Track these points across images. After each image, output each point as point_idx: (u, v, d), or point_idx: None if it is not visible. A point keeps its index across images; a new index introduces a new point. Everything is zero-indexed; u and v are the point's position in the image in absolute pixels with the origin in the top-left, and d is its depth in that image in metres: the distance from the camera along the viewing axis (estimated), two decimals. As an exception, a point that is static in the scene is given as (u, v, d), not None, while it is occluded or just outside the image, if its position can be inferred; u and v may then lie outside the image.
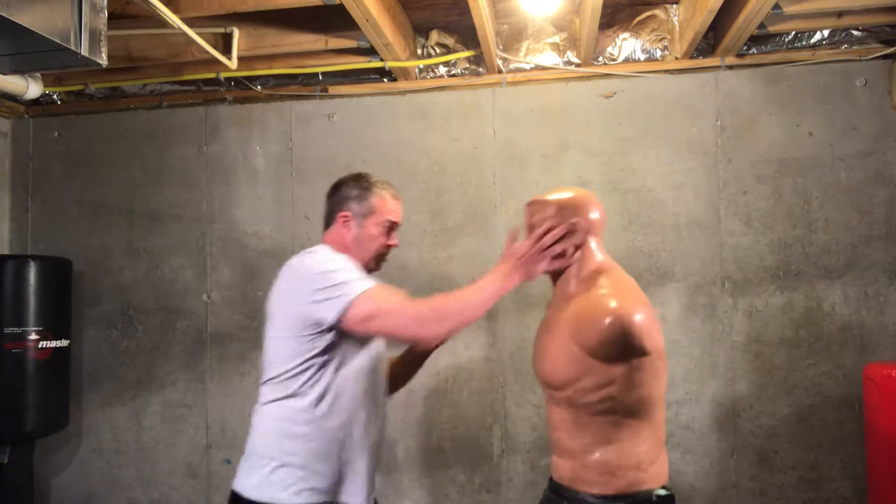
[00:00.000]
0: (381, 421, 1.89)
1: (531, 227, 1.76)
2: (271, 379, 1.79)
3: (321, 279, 1.71)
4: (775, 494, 3.06)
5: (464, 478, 3.26)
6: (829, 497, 3.03)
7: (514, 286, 1.71)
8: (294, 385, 1.75)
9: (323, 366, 1.75)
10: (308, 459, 1.74)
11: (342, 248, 1.87)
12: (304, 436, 1.74)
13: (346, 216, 1.88)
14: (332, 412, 1.75)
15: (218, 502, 3.42)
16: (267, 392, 1.80)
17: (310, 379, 1.75)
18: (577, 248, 1.71)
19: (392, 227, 1.92)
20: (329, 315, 1.69)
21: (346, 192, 1.91)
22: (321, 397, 1.75)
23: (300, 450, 1.74)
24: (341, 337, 1.75)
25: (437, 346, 1.99)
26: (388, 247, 1.92)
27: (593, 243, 1.73)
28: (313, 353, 1.74)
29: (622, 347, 1.55)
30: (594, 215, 1.73)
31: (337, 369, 1.76)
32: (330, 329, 1.72)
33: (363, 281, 1.72)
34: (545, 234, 1.67)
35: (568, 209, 1.71)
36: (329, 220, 1.93)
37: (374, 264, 1.91)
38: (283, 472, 1.73)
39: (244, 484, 1.77)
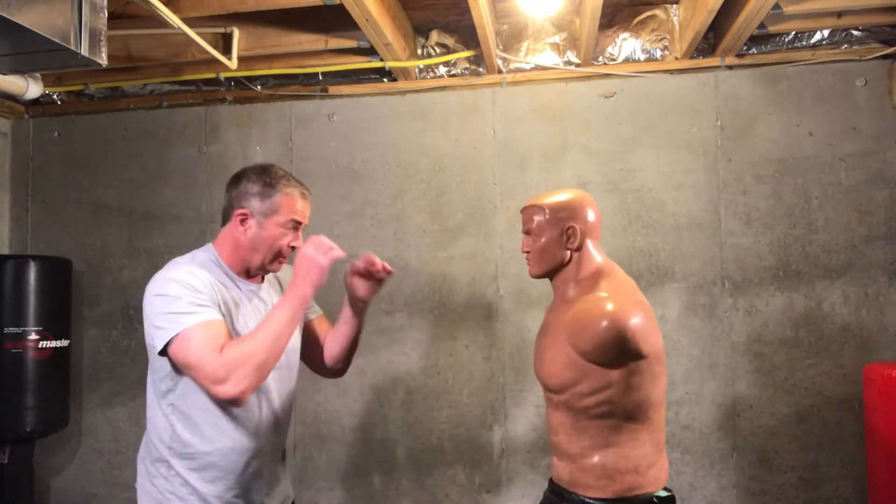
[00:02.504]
0: (260, 444, 1.73)
1: (528, 233, 1.76)
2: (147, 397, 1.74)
3: (158, 303, 1.61)
4: (775, 494, 3.06)
5: (464, 478, 3.26)
6: (829, 497, 3.03)
7: (307, 295, 1.64)
8: (155, 408, 1.70)
9: (174, 390, 1.66)
10: (173, 485, 1.67)
11: (235, 247, 1.74)
12: (166, 461, 1.68)
13: (244, 214, 1.72)
14: (188, 438, 1.66)
15: (218, 502, 3.42)
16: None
17: (166, 403, 1.68)
18: (576, 250, 1.71)
19: (297, 227, 1.76)
20: (158, 344, 1.60)
21: (247, 186, 1.73)
22: (178, 421, 1.67)
23: (165, 472, 1.68)
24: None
25: (355, 334, 1.88)
26: (292, 248, 1.76)
27: (591, 245, 1.72)
28: (164, 374, 1.66)
29: (618, 351, 1.54)
30: (590, 217, 1.72)
31: (189, 394, 1.65)
32: (164, 356, 1.62)
33: (192, 315, 1.57)
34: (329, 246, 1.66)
35: (563, 212, 1.71)
36: (226, 216, 1.77)
37: (276, 266, 1.78)
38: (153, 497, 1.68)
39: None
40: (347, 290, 1.85)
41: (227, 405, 1.61)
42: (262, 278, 1.84)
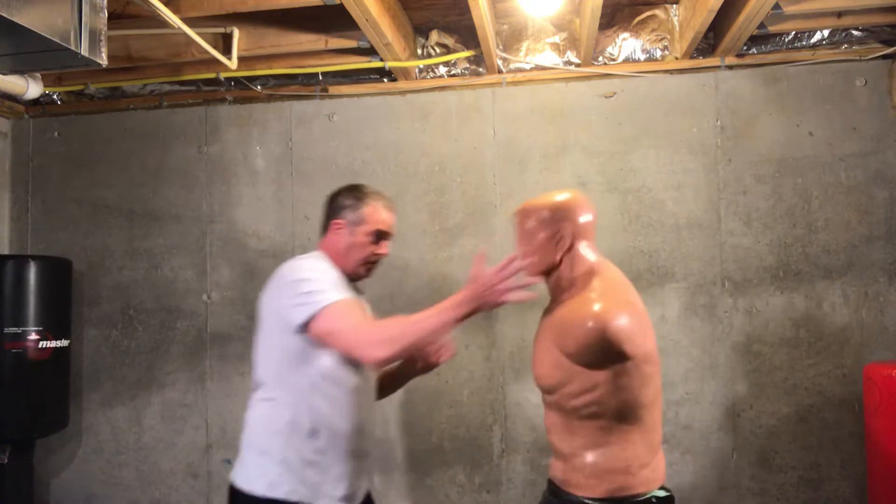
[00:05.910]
0: (366, 427, 1.93)
1: (522, 235, 1.76)
2: (257, 376, 1.92)
3: (298, 285, 1.80)
4: (775, 494, 3.06)
5: (464, 478, 3.26)
6: (829, 497, 3.03)
7: (466, 316, 1.67)
8: (274, 384, 1.86)
9: (299, 368, 1.82)
10: (285, 457, 1.81)
11: (334, 254, 1.96)
12: (281, 433, 1.82)
13: (338, 224, 1.97)
14: (306, 414, 1.82)
15: (218, 502, 3.42)
16: (254, 387, 1.93)
17: (288, 380, 1.84)
18: (567, 251, 1.71)
19: (381, 236, 1.97)
20: (298, 318, 1.77)
21: (340, 201, 2.00)
22: (297, 399, 1.83)
23: (277, 447, 1.82)
24: (315, 344, 1.81)
25: (420, 369, 2.06)
26: (377, 255, 1.97)
27: (584, 246, 1.71)
28: (290, 355, 1.82)
29: (601, 353, 1.53)
30: (584, 218, 1.72)
31: (313, 374, 1.82)
32: (302, 332, 1.79)
33: (333, 293, 1.78)
34: (508, 264, 1.61)
35: (552, 215, 1.71)
36: (325, 228, 2.02)
37: (364, 271, 1.98)
38: (263, 466, 1.82)
39: (235, 472, 1.89)
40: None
41: (367, 362, 1.77)
42: (356, 288, 2.00)
